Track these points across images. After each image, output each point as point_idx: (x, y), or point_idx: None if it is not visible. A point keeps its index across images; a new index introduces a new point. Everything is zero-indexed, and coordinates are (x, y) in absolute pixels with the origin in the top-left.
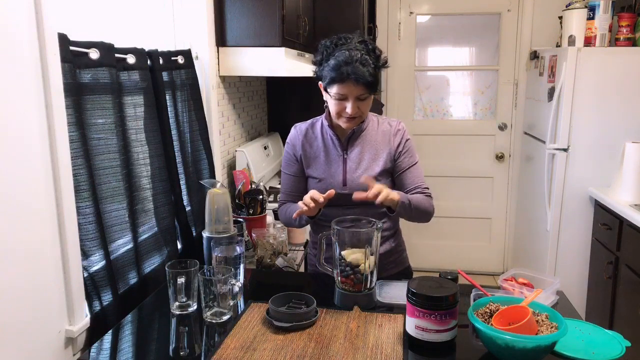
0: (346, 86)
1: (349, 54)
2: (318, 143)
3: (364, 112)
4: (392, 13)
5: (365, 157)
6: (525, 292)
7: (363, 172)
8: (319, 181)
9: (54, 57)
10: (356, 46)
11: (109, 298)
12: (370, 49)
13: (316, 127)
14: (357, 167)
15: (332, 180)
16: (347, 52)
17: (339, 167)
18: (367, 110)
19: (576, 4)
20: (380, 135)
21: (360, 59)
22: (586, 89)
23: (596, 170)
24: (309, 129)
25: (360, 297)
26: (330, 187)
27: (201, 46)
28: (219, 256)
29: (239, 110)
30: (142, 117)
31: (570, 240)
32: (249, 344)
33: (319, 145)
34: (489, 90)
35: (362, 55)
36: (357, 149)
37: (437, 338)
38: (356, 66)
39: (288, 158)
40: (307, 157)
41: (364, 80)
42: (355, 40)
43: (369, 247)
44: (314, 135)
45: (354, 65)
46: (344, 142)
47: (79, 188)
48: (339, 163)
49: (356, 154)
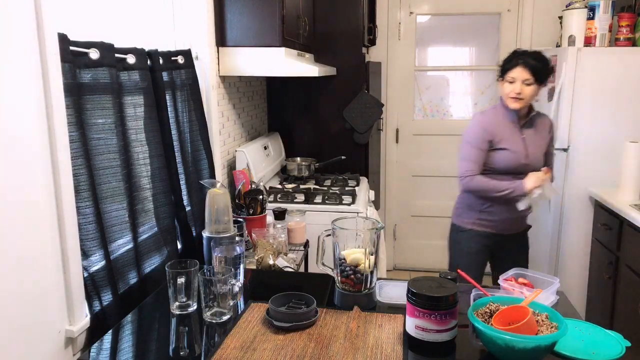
0: (516, 70)
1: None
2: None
3: (527, 95)
4: (392, 13)
5: (537, 136)
6: (525, 292)
7: (538, 148)
8: (510, 152)
9: (54, 57)
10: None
11: (109, 298)
12: (542, 55)
13: (498, 113)
14: (534, 144)
15: (519, 153)
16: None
17: (522, 143)
18: (529, 97)
19: (576, 4)
20: (545, 123)
21: (532, 55)
22: (586, 89)
23: (596, 170)
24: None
25: (360, 297)
26: (517, 157)
27: (201, 46)
28: (219, 256)
29: (239, 110)
30: (142, 117)
31: (570, 240)
32: (249, 344)
33: (504, 127)
34: (489, 90)
35: (534, 54)
36: (531, 130)
37: (437, 338)
38: (526, 58)
39: (480, 137)
40: (496, 136)
41: (530, 66)
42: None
43: (369, 247)
44: (497, 119)
45: (524, 57)
46: (521, 126)
47: (79, 188)
48: (521, 140)
49: (531, 135)
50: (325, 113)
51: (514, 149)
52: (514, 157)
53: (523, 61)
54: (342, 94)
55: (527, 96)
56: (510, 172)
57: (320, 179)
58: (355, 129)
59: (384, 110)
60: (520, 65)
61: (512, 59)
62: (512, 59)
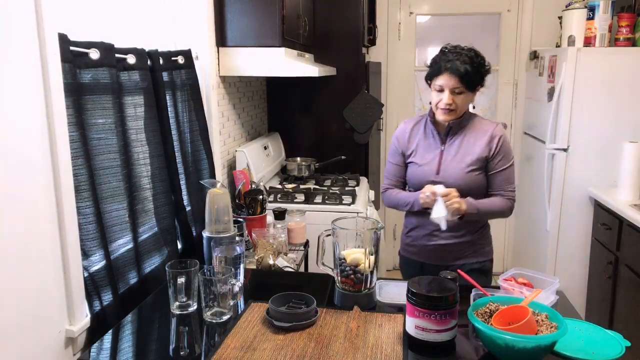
0: (442, 77)
1: (453, 54)
2: (420, 135)
3: (459, 105)
4: (392, 13)
5: (460, 151)
6: (525, 292)
7: (456, 163)
8: (418, 167)
9: (54, 57)
10: (462, 51)
11: (109, 298)
12: (474, 55)
13: (422, 122)
14: (452, 159)
15: (428, 168)
16: (452, 53)
17: (436, 157)
18: (463, 106)
19: (576, 4)
20: (480, 134)
21: (460, 57)
22: (586, 89)
23: (596, 170)
24: (415, 123)
25: (360, 297)
26: (426, 173)
27: (201, 46)
28: (219, 256)
29: (239, 110)
30: (142, 117)
31: (570, 240)
32: (249, 343)
33: (421, 137)
34: (489, 90)
35: (464, 56)
36: (454, 143)
37: (436, 338)
38: (454, 61)
39: (393, 150)
40: (410, 147)
41: (459, 73)
42: (464, 47)
43: (369, 247)
44: (419, 128)
45: (453, 61)
46: (442, 136)
47: (79, 188)
48: (437, 153)
49: (453, 148)
50: (325, 113)
51: (422, 162)
52: (422, 172)
53: (450, 66)
54: (342, 94)
55: (459, 106)
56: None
57: (320, 179)
58: (355, 129)
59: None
60: (447, 72)
61: (438, 61)
62: (438, 61)
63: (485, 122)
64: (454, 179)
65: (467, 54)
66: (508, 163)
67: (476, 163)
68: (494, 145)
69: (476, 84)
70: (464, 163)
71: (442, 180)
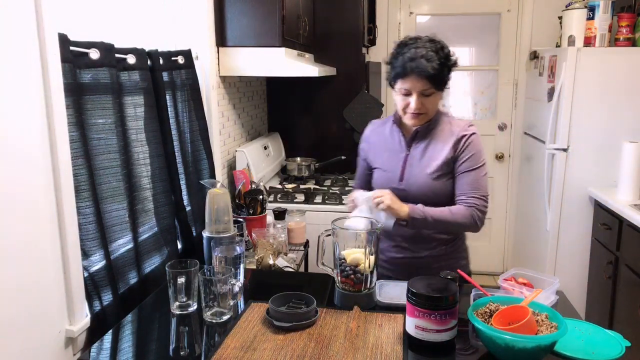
0: (409, 80)
1: (415, 50)
2: (385, 138)
3: (429, 108)
4: (392, 13)
5: (427, 154)
6: (525, 292)
7: (420, 169)
8: (382, 172)
9: (54, 57)
10: (424, 45)
11: (109, 298)
12: (439, 47)
13: (388, 123)
14: (417, 164)
15: (392, 174)
16: (413, 49)
17: (400, 161)
18: (433, 108)
19: (576, 4)
20: (447, 136)
21: (425, 54)
22: (586, 89)
23: (596, 170)
24: (380, 125)
25: (360, 297)
26: (389, 180)
27: (201, 46)
28: (219, 256)
29: (239, 111)
30: (142, 117)
31: (570, 240)
32: (249, 344)
33: (386, 140)
34: (489, 91)
35: (427, 52)
36: (420, 147)
37: (436, 338)
38: (420, 61)
39: (360, 152)
40: (374, 150)
41: (427, 74)
42: (424, 40)
43: (369, 247)
44: (384, 131)
45: (418, 60)
46: (408, 140)
47: (79, 188)
48: (401, 158)
49: (419, 152)
50: (325, 113)
51: (386, 168)
52: (385, 178)
53: (416, 67)
54: (342, 94)
55: (429, 109)
56: None
57: (320, 179)
58: (355, 129)
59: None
60: (413, 74)
61: (403, 63)
62: (402, 62)
63: (455, 123)
64: (418, 185)
65: (431, 49)
66: (475, 165)
67: (442, 168)
68: (460, 145)
69: (446, 81)
70: (429, 169)
71: (405, 188)
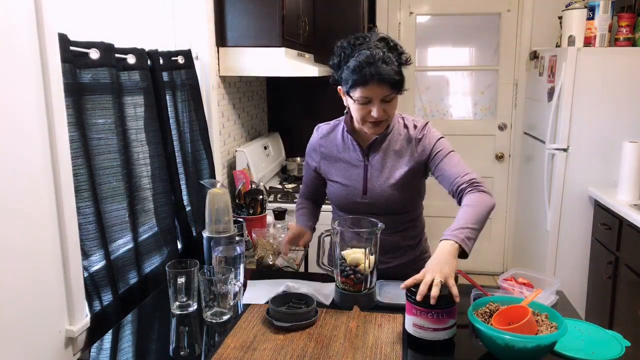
0: (370, 88)
1: (370, 53)
2: (339, 147)
3: (390, 114)
4: (392, 13)
5: (387, 163)
6: (525, 292)
7: (384, 180)
8: (341, 186)
9: (54, 57)
10: (376, 44)
11: (109, 298)
12: (392, 46)
13: (338, 130)
14: (379, 175)
15: (353, 188)
16: (367, 51)
17: (360, 174)
18: (394, 113)
19: (576, 4)
20: (405, 138)
21: (383, 57)
22: (586, 89)
23: (596, 170)
24: (330, 132)
25: (360, 297)
26: (350, 194)
27: (201, 46)
28: (219, 256)
29: (239, 110)
30: (142, 117)
31: (570, 240)
32: (249, 344)
33: (340, 150)
34: (489, 91)
35: (384, 54)
36: (379, 155)
37: (434, 336)
38: (379, 66)
39: (306, 161)
40: (327, 161)
41: (390, 79)
42: (374, 39)
43: (369, 247)
44: (335, 139)
45: (377, 65)
46: (365, 149)
47: (79, 188)
48: (360, 170)
49: (378, 161)
50: (325, 113)
51: (345, 182)
52: (347, 193)
53: (378, 74)
54: None
55: (391, 115)
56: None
57: None
58: None
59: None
60: (375, 81)
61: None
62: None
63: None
64: (385, 197)
65: (385, 49)
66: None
67: (407, 177)
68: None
69: (404, 81)
70: (393, 179)
71: (370, 201)
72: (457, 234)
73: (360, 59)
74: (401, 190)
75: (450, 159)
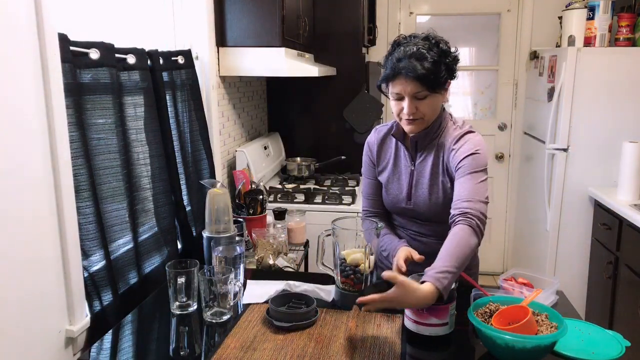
0: (398, 83)
1: (405, 49)
2: (391, 150)
3: (425, 113)
4: (392, 13)
5: (431, 170)
6: (525, 292)
7: (425, 190)
8: (390, 188)
9: (54, 57)
10: (416, 42)
11: (109, 298)
12: (433, 44)
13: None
14: (422, 182)
15: (399, 192)
16: (403, 48)
17: (406, 179)
18: (431, 112)
19: (576, 4)
20: (444, 146)
21: (416, 53)
22: (586, 89)
23: (596, 170)
24: (387, 133)
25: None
26: (396, 199)
27: (201, 46)
28: (219, 256)
29: (239, 110)
30: (142, 117)
31: (570, 240)
32: (249, 343)
33: (391, 153)
34: (489, 91)
35: (418, 50)
36: (425, 161)
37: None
38: (410, 61)
39: (366, 161)
40: (380, 163)
41: (415, 74)
42: (419, 37)
43: (369, 247)
44: (390, 141)
45: (407, 60)
46: (411, 152)
47: (79, 188)
48: (407, 175)
49: (424, 168)
50: (325, 113)
51: (392, 186)
52: (393, 196)
53: (405, 67)
54: (342, 94)
55: (426, 113)
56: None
57: (320, 179)
58: (355, 129)
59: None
60: (401, 75)
61: (391, 64)
62: (390, 63)
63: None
64: (428, 206)
65: (423, 46)
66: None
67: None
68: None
69: (442, 81)
70: (437, 187)
71: (414, 208)
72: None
73: (395, 55)
74: (442, 199)
75: (466, 180)
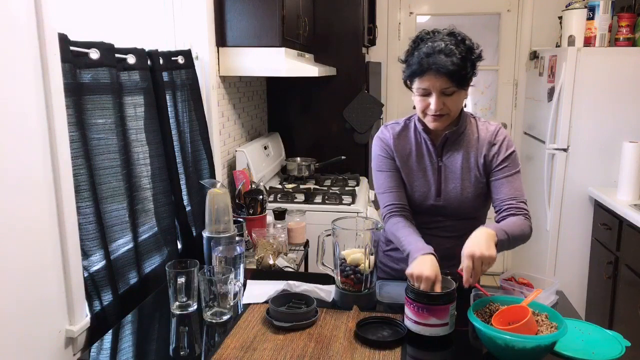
0: (426, 79)
1: (432, 44)
2: (411, 147)
3: (452, 109)
4: (392, 13)
5: (461, 166)
6: (525, 292)
7: (458, 185)
8: (415, 186)
9: (54, 57)
10: (442, 38)
11: (109, 298)
12: (460, 40)
13: (410, 128)
14: (452, 179)
15: (426, 190)
16: (430, 43)
17: (433, 176)
18: (457, 108)
19: (576, 4)
20: (477, 140)
21: (443, 49)
22: (586, 89)
23: (596, 170)
24: (402, 130)
25: (360, 297)
26: (424, 196)
27: (201, 46)
28: (219, 256)
29: (239, 110)
30: (142, 117)
31: (570, 240)
32: (249, 344)
33: (411, 149)
34: (489, 90)
35: (446, 46)
36: (453, 156)
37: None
38: (438, 57)
39: (381, 155)
40: (402, 161)
41: (446, 70)
42: (443, 33)
43: (368, 247)
44: (408, 138)
45: (435, 56)
46: (438, 148)
47: (79, 188)
48: (434, 171)
49: (452, 162)
50: (325, 113)
51: (418, 183)
52: (420, 194)
53: (434, 63)
54: (342, 94)
55: (452, 110)
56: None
57: (320, 179)
58: (355, 129)
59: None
60: (431, 71)
61: (419, 59)
62: (418, 59)
63: (483, 126)
64: (459, 201)
65: (450, 42)
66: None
67: (478, 179)
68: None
69: (469, 77)
70: (468, 182)
71: (444, 204)
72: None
73: (422, 50)
74: (473, 193)
75: (514, 179)
